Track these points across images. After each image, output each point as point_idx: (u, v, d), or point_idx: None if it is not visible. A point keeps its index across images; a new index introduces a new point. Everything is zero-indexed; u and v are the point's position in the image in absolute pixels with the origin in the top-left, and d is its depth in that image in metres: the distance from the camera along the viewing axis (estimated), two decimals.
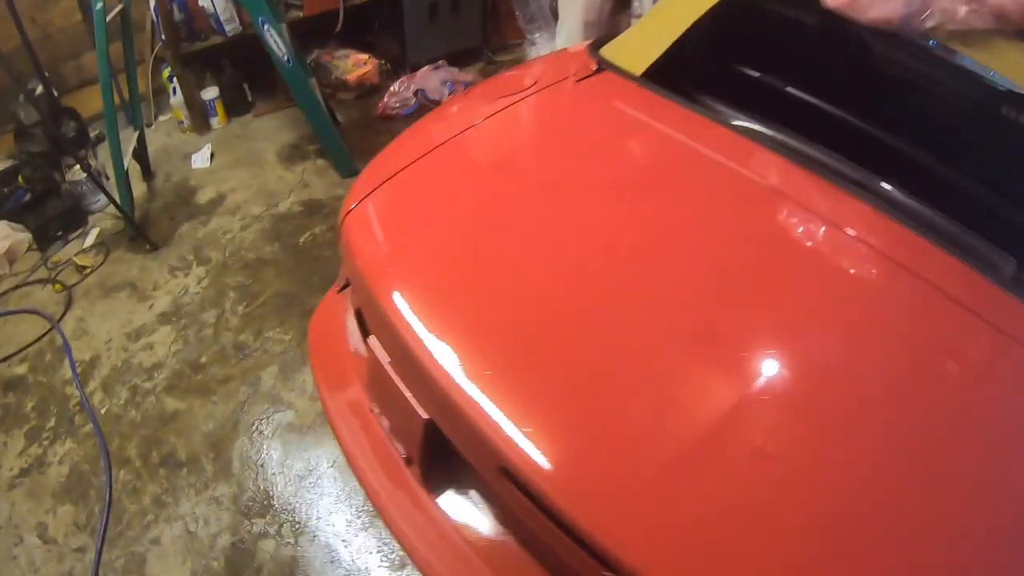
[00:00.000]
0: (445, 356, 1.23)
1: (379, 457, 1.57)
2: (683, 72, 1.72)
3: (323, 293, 2.97)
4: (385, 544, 2.08)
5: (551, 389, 1.19)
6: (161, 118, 4.15)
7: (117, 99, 3.29)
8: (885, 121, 1.81)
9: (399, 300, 1.34)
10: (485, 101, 1.81)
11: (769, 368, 1.18)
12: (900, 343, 1.22)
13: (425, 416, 1.32)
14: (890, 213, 1.37)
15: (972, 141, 1.69)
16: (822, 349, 1.21)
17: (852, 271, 1.33)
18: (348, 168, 3.54)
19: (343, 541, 2.10)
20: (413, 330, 1.28)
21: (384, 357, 1.44)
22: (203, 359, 2.66)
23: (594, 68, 1.79)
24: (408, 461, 1.50)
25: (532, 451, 1.08)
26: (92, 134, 3.80)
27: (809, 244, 1.37)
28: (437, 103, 4.03)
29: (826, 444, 1.08)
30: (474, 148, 1.70)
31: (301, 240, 3.16)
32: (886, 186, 1.75)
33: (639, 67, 1.74)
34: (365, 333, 1.63)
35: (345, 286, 1.82)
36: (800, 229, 1.39)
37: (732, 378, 1.17)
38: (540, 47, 4.58)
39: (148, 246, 3.15)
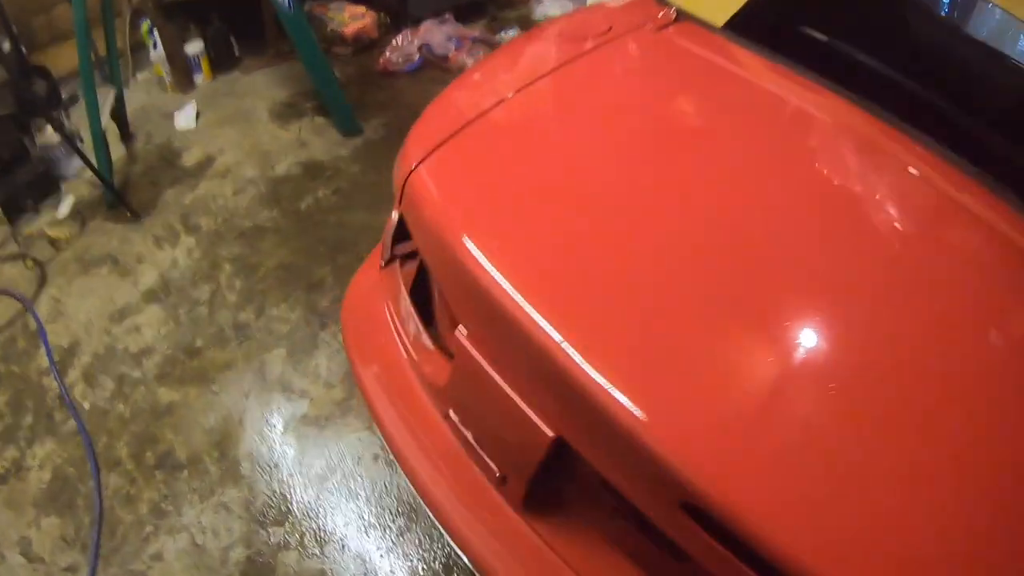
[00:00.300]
0: (600, 357, 0.92)
1: (452, 474, 1.23)
2: (755, 28, 1.51)
3: (330, 264, 2.57)
4: (425, 551, 1.72)
5: (728, 390, 0.93)
6: (140, 76, 3.64)
7: (92, 55, 2.85)
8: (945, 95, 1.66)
9: (514, 277, 1.02)
10: (556, 48, 1.55)
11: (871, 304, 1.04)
12: (975, 274, 1.12)
13: (552, 434, 0.99)
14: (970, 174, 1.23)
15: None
16: (906, 281, 1.08)
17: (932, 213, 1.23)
18: (350, 126, 3.10)
19: (378, 549, 1.74)
20: (540, 321, 0.96)
21: (482, 354, 1.09)
22: (198, 342, 2.23)
23: (673, 17, 1.55)
24: (502, 481, 1.15)
25: (742, 485, 0.84)
26: (64, 95, 3.30)
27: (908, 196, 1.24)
28: (443, 58, 3.62)
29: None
30: (553, 96, 1.39)
31: (302, 205, 2.71)
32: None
33: (718, 19, 1.56)
34: (424, 319, 1.30)
35: (390, 260, 1.42)
36: (895, 180, 1.25)
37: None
38: (547, 5, 4.19)
39: (129, 214, 2.69)
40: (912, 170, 1.23)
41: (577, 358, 0.92)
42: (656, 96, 1.39)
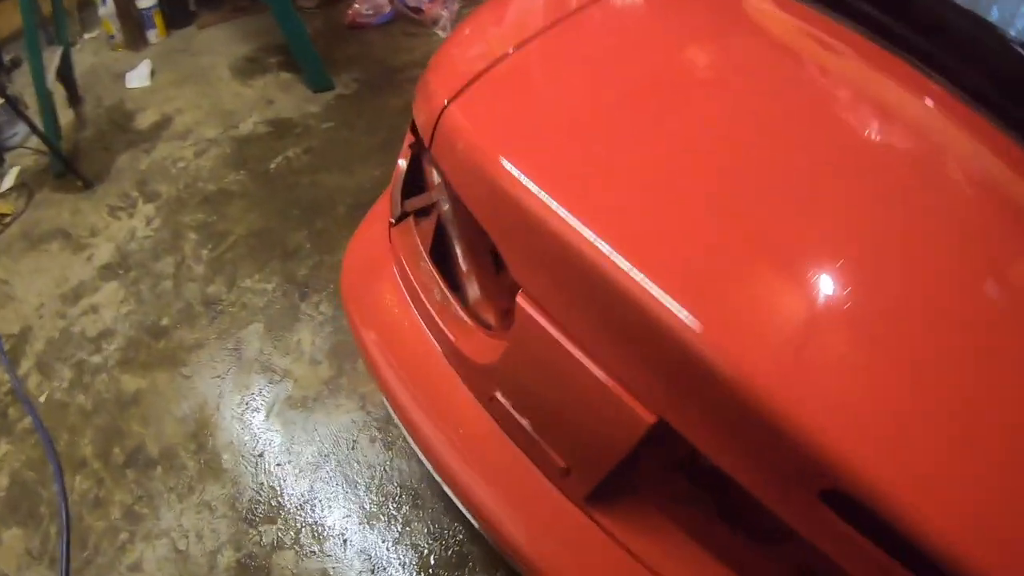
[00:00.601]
0: (721, 314, 0.68)
1: (489, 463, 0.95)
2: None
3: (306, 228, 2.09)
4: (437, 540, 1.40)
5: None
6: (87, 35, 3.09)
7: (36, 14, 2.34)
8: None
9: (593, 211, 0.74)
10: None
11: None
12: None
13: (652, 419, 0.72)
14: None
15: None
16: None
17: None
18: (321, 81, 2.62)
19: (384, 541, 1.41)
20: (641, 277, 0.69)
21: (555, 323, 0.79)
22: (164, 320, 1.81)
23: None
24: (564, 473, 0.86)
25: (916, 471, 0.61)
26: (6, 57, 2.80)
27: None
28: (416, 10, 3.10)
29: None
30: (593, 28, 1.05)
31: (272, 166, 2.27)
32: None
33: None
34: (448, 284, 0.99)
35: (403, 217, 1.07)
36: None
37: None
38: None
39: (80, 183, 2.22)
40: (927, 101, 0.98)
41: (690, 320, 0.65)
42: (699, 26, 1.07)
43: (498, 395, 0.89)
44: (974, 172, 0.96)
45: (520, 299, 0.79)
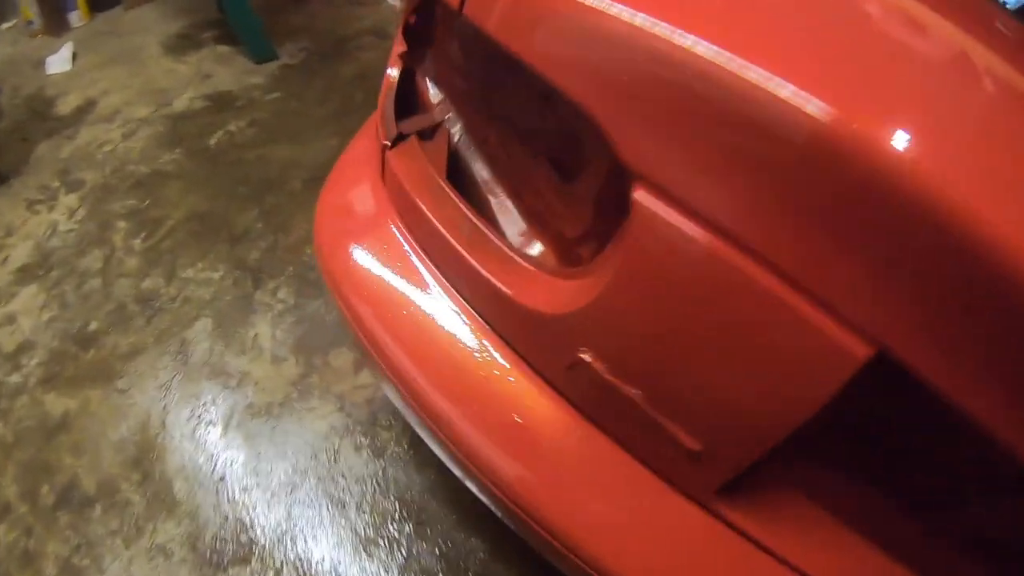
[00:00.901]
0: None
1: (571, 463, 0.60)
2: None
3: (256, 207, 1.58)
4: (451, 562, 1.03)
5: None
6: (4, 25, 2.55)
7: None
8: None
9: None
10: None
11: None
12: None
13: (866, 350, 0.38)
14: None
15: None
16: None
17: None
18: (264, 51, 2.16)
19: (385, 570, 1.03)
20: None
21: (704, 223, 0.42)
22: (92, 325, 1.38)
23: None
24: (693, 459, 0.51)
25: None
26: None
27: None
28: None
29: None
30: None
31: (212, 141, 1.82)
32: None
33: None
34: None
35: (399, 139, 0.70)
36: None
37: None
38: None
39: None
40: None
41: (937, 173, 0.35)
42: None
43: (586, 357, 0.53)
44: None
45: (640, 194, 0.43)
